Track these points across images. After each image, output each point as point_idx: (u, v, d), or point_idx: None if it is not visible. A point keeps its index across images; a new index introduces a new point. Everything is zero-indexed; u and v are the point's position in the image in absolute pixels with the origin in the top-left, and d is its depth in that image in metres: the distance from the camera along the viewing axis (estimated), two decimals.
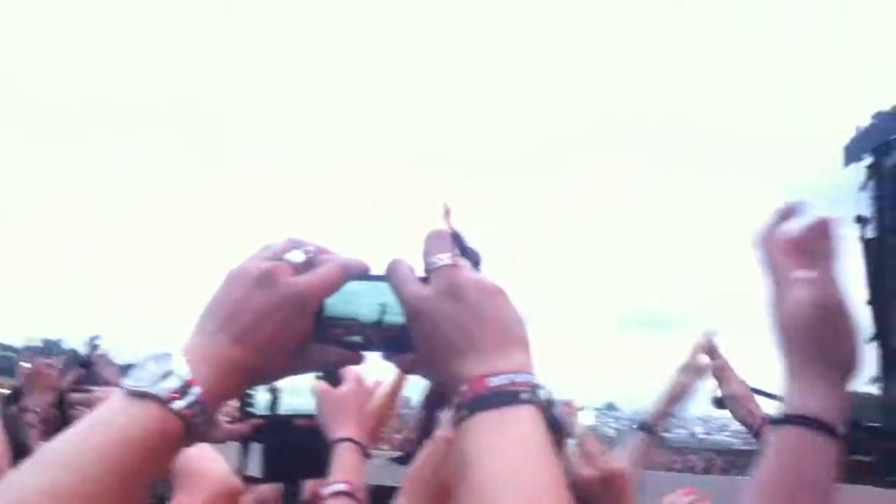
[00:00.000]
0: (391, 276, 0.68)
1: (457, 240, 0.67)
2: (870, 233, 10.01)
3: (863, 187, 9.95)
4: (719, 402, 1.96)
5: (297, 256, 0.68)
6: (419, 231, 0.68)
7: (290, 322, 0.66)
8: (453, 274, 0.65)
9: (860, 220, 10.14)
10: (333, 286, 0.68)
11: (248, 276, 0.67)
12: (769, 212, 0.81)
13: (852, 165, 10.14)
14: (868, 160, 10.00)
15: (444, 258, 0.66)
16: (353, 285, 0.69)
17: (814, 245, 0.78)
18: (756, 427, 1.86)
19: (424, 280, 0.66)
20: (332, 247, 0.70)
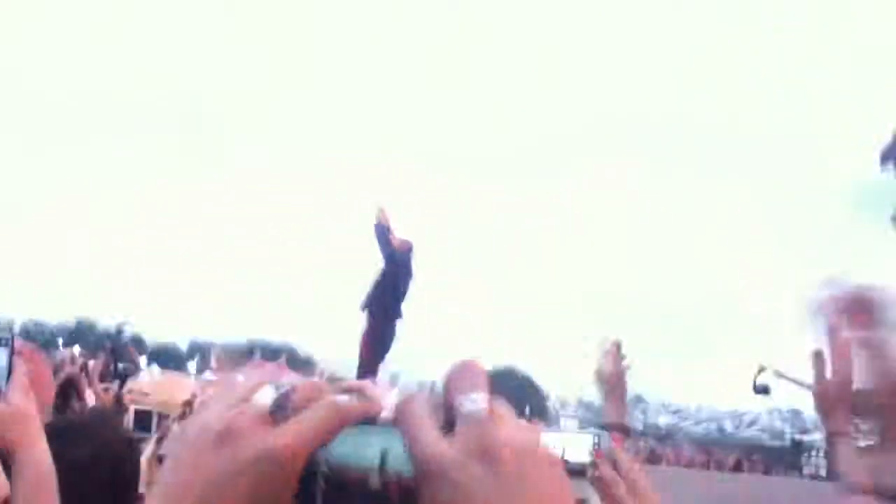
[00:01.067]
0: (402, 422, 0.52)
1: (384, 237, 0.52)
2: None
3: None
4: (762, 389, 1.97)
5: (266, 397, 0.53)
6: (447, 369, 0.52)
7: (262, 487, 0.50)
8: (489, 430, 0.49)
9: None
10: (322, 438, 0.51)
11: (205, 435, 0.51)
12: (818, 283, 0.78)
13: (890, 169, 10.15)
14: None
15: (477, 402, 0.50)
16: (352, 430, 0.53)
17: (865, 314, 0.73)
18: None
19: (447, 428, 0.51)
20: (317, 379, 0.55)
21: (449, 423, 0.51)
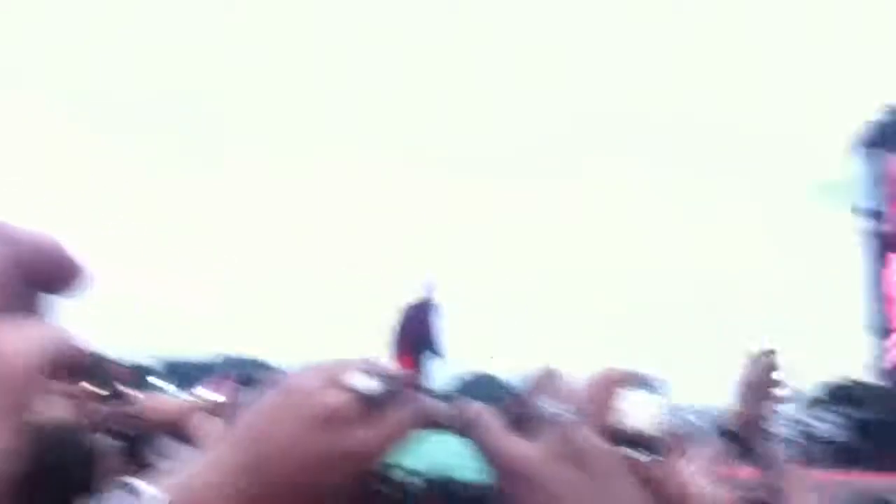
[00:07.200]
0: (477, 429, 0.52)
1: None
2: (881, 226, 10.09)
3: (876, 182, 10.05)
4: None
5: (369, 386, 0.51)
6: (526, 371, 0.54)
7: (342, 487, 0.49)
8: (577, 435, 0.50)
9: (872, 213, 10.25)
10: (399, 443, 0.51)
11: (306, 411, 0.50)
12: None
13: (863, 159, 10.16)
14: (880, 153, 10.08)
15: (563, 410, 0.51)
16: (419, 434, 0.52)
17: None
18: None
19: (522, 433, 0.51)
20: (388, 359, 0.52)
21: (523, 428, 0.51)
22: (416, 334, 8.57)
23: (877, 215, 9.89)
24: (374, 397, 0.51)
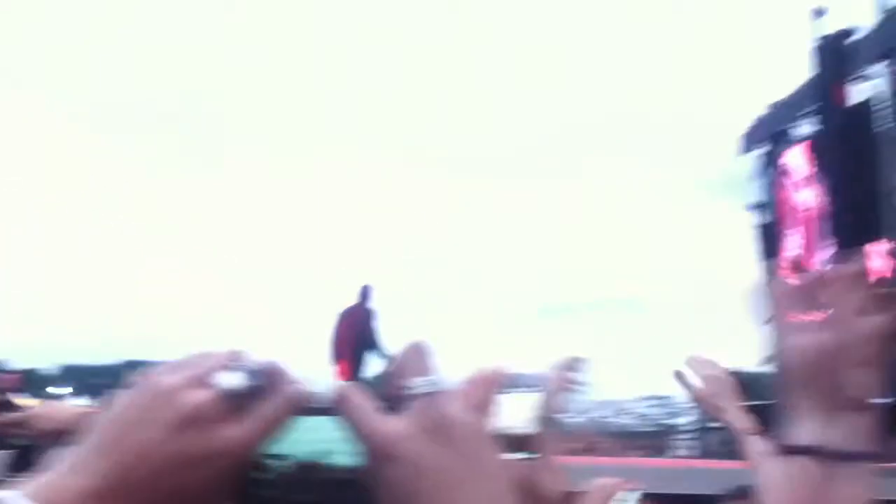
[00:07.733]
0: (343, 409, 0.50)
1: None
2: (766, 218, 10.04)
3: (759, 175, 10.06)
4: (678, 375, 1.87)
5: (233, 382, 0.50)
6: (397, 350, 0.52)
7: (208, 485, 0.49)
8: (441, 408, 0.49)
9: (756, 206, 10.26)
10: (269, 434, 0.51)
11: (167, 412, 0.49)
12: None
13: (750, 154, 10.19)
14: (765, 148, 10.02)
15: (425, 383, 0.50)
16: (290, 422, 0.52)
17: (814, 295, 0.72)
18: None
19: (390, 410, 0.50)
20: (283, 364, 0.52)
21: (393, 406, 0.50)
22: (352, 340, 8.73)
23: (763, 207, 9.97)
24: (239, 392, 0.50)
